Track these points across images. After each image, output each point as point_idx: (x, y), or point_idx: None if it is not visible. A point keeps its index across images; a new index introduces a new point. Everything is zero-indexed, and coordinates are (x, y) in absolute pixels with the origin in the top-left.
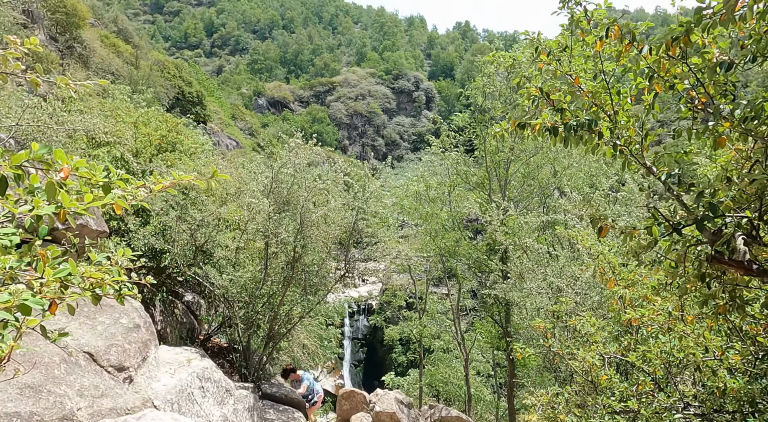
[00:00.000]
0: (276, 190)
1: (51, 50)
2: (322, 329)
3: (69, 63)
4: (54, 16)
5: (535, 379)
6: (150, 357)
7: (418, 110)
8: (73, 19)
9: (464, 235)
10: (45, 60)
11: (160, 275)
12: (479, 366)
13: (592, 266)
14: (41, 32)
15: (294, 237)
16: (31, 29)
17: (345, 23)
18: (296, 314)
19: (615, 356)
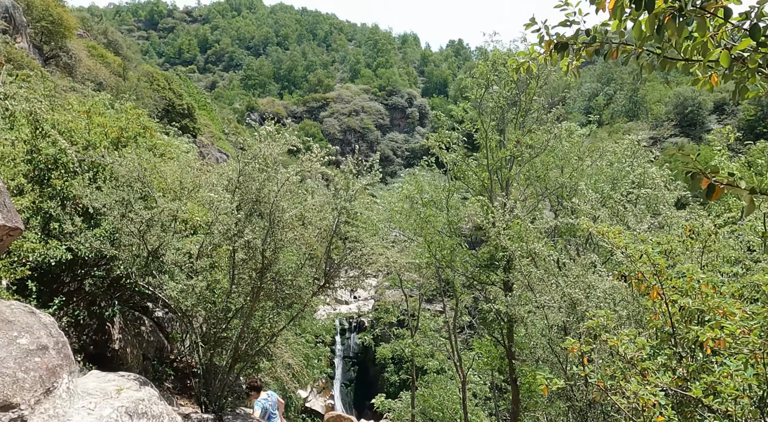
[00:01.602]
0: (244, 186)
1: (33, 58)
2: (310, 347)
3: (53, 71)
4: (39, 24)
5: (545, 407)
6: (60, 387)
7: (412, 126)
8: (59, 29)
9: (463, 243)
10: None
11: (113, 288)
12: (475, 387)
13: (627, 270)
14: (24, 40)
15: (262, 240)
16: (13, 37)
17: (339, 40)
18: (266, 331)
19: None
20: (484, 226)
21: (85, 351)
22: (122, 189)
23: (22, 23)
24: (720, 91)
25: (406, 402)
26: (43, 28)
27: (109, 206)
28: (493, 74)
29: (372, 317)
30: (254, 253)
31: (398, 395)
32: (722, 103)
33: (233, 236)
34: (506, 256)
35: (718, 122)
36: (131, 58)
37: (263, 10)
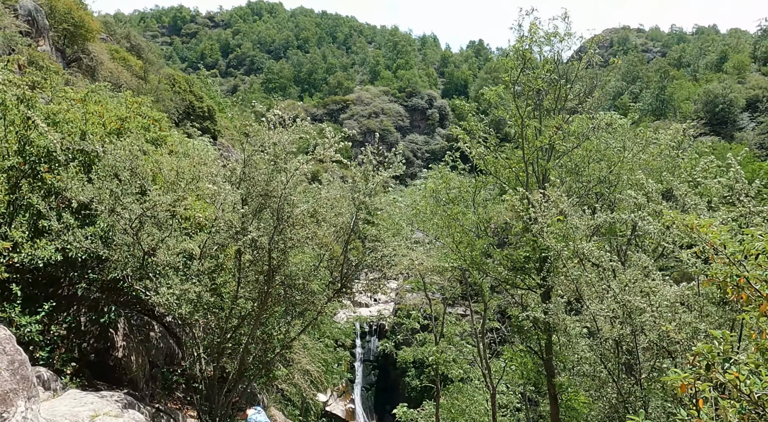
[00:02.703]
0: (250, 178)
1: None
2: (329, 351)
3: (74, 73)
4: (61, 27)
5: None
6: (12, 418)
7: (432, 128)
8: (80, 31)
9: (494, 243)
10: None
11: (114, 292)
12: (503, 398)
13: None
14: (46, 43)
15: (269, 239)
16: (36, 40)
17: (359, 43)
18: (276, 341)
19: None
20: (525, 222)
21: (85, 360)
22: (110, 180)
23: (45, 26)
24: (753, 88)
25: (429, 412)
26: (65, 30)
27: (98, 200)
28: (530, 53)
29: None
30: (261, 253)
31: (420, 401)
32: (755, 100)
33: (236, 233)
34: (545, 257)
35: (751, 120)
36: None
37: (284, 14)
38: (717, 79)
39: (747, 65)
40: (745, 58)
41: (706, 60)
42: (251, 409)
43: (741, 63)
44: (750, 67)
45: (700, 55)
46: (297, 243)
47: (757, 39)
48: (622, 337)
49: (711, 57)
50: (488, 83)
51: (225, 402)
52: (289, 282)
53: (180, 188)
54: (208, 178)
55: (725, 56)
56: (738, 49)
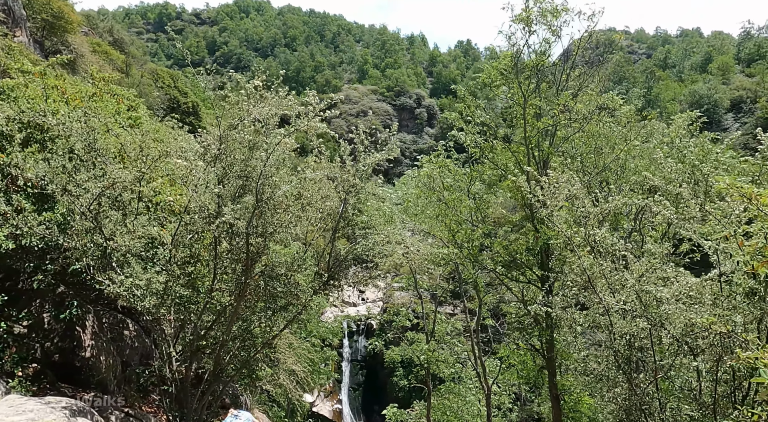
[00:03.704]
0: (226, 156)
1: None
2: (316, 351)
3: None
4: (39, 18)
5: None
6: None
7: (420, 127)
8: (60, 23)
9: (493, 232)
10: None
11: (77, 286)
12: (494, 398)
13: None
14: (23, 34)
15: (247, 223)
16: (12, 30)
17: (347, 41)
18: (256, 338)
19: None
20: (530, 208)
21: (48, 361)
22: (63, 156)
23: (22, 16)
24: (737, 90)
25: (419, 413)
26: (44, 21)
27: (49, 178)
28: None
29: (381, 319)
30: (239, 241)
31: (408, 402)
32: (739, 101)
33: (209, 216)
34: (547, 248)
35: (735, 120)
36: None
37: (271, 12)
38: (702, 80)
39: (731, 67)
40: (729, 60)
41: (690, 61)
42: (233, 412)
43: (725, 64)
44: (734, 68)
45: (685, 56)
46: (279, 229)
47: (741, 41)
48: (638, 333)
49: (696, 58)
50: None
51: (199, 406)
52: (270, 273)
53: (144, 164)
54: (178, 153)
55: (709, 58)
56: (722, 50)
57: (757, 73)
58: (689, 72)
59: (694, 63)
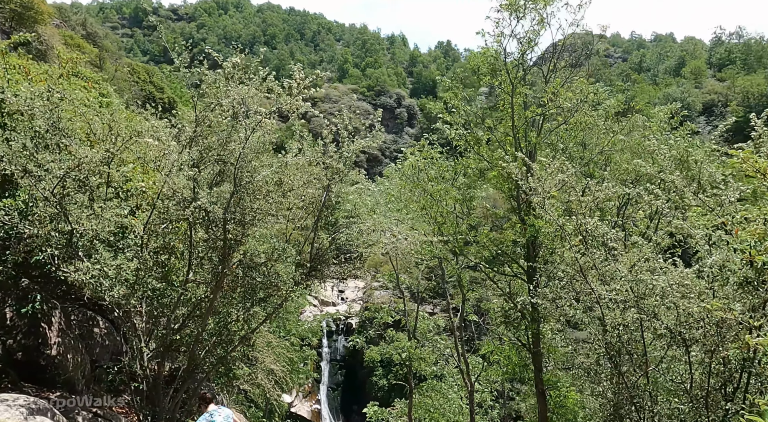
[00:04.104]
0: (203, 140)
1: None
2: (295, 350)
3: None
4: (7, 8)
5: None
6: None
7: (400, 127)
8: (29, 13)
9: (481, 224)
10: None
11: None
12: (476, 395)
13: None
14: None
15: (224, 209)
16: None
17: (327, 40)
18: (232, 332)
19: None
20: (520, 196)
21: (11, 359)
22: (22, 134)
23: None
24: (709, 93)
25: (400, 411)
26: (12, 12)
27: (8, 159)
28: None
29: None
30: (216, 229)
31: (388, 400)
32: (711, 104)
33: (182, 201)
34: (534, 240)
35: (707, 124)
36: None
37: (250, 9)
38: (675, 83)
39: (703, 71)
40: (701, 64)
41: (665, 65)
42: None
43: (698, 69)
44: (706, 72)
45: (659, 60)
46: (258, 216)
47: (712, 46)
48: (631, 324)
49: (670, 62)
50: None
51: (172, 405)
52: (248, 263)
53: (113, 145)
54: (150, 133)
55: (683, 62)
56: (695, 55)
57: (728, 77)
58: (663, 76)
59: (668, 67)
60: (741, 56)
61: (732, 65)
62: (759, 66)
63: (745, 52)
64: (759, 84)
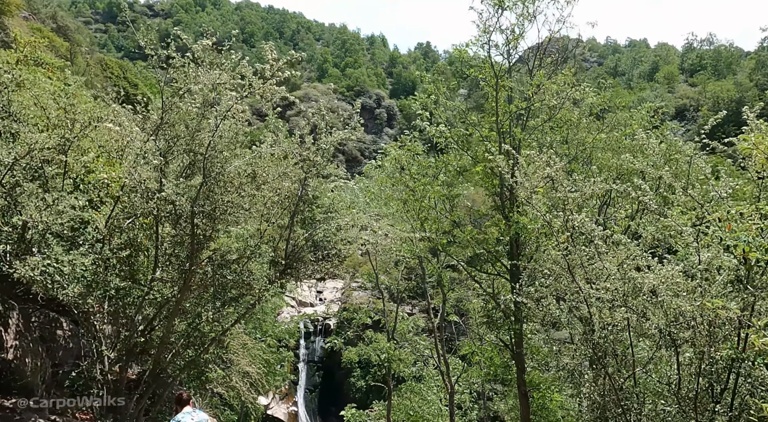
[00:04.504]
0: (171, 128)
1: None
2: (272, 352)
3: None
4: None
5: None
6: None
7: (380, 128)
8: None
9: (465, 219)
10: None
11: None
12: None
13: None
14: None
15: (192, 200)
16: None
17: (306, 39)
18: (199, 334)
19: None
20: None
21: None
22: None
23: None
24: (681, 98)
25: (379, 413)
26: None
27: None
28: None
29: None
30: (184, 223)
31: (366, 402)
32: (683, 109)
33: (146, 191)
34: (517, 238)
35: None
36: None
37: (228, 7)
38: (649, 88)
39: (676, 76)
40: (674, 70)
41: (639, 70)
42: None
43: (670, 74)
44: (678, 78)
45: (634, 65)
46: (230, 210)
47: (684, 52)
48: (620, 322)
49: (644, 67)
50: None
51: (135, 412)
52: (219, 260)
53: (70, 131)
54: (111, 118)
55: (656, 67)
56: (667, 60)
57: (700, 82)
58: (638, 80)
59: (642, 72)
60: (712, 62)
61: (703, 71)
62: (728, 72)
63: (716, 59)
64: (729, 90)
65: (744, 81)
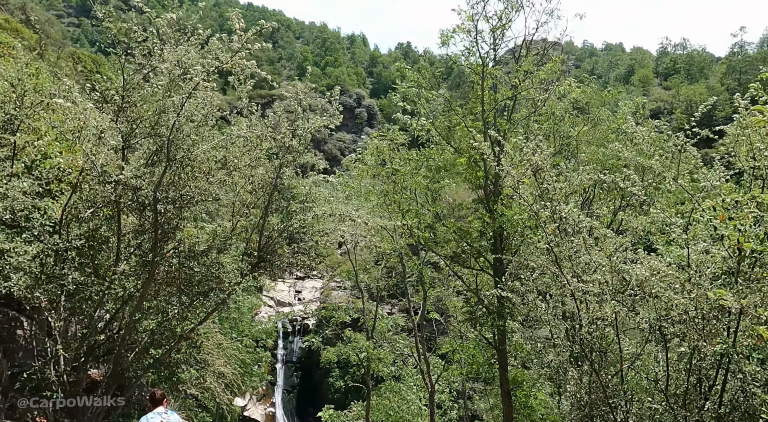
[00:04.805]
0: (132, 109)
1: None
2: (248, 352)
3: None
4: None
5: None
6: None
7: (360, 127)
8: None
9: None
10: None
11: None
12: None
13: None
14: None
15: (155, 186)
16: None
17: (286, 37)
18: (173, 332)
19: None
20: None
21: None
22: None
23: None
24: (655, 101)
25: (357, 414)
26: None
27: None
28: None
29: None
30: (148, 212)
31: (345, 403)
32: (658, 111)
33: (103, 174)
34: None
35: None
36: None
37: (206, 3)
38: (625, 90)
39: (651, 79)
40: (648, 73)
41: (615, 73)
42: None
43: (645, 77)
44: (653, 81)
45: (610, 68)
46: (198, 197)
47: (659, 56)
48: (609, 316)
49: (620, 70)
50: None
51: (92, 416)
52: (186, 251)
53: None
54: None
55: (632, 70)
56: (642, 64)
57: (673, 86)
58: (614, 83)
59: (618, 75)
60: (685, 67)
61: (677, 75)
62: (701, 76)
63: (689, 63)
64: (701, 93)
65: (716, 85)
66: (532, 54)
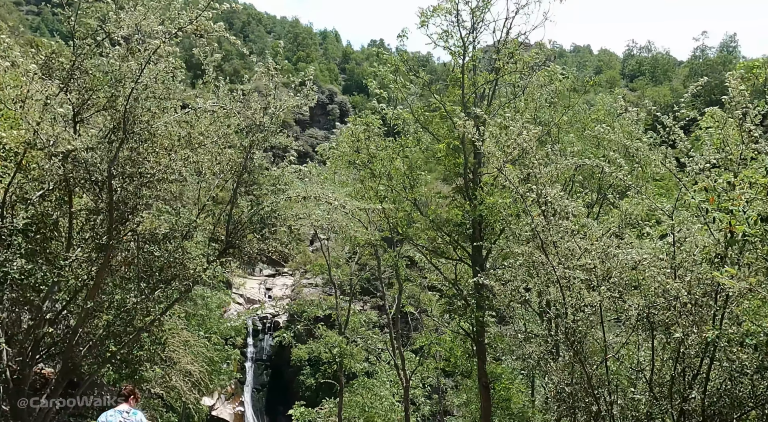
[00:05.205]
0: (84, 77)
1: None
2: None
3: None
4: None
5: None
6: None
7: (332, 123)
8: None
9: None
10: None
11: None
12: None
13: None
14: None
15: (110, 160)
16: None
17: (257, 32)
18: (132, 325)
19: None
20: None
21: None
22: None
23: None
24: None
25: (329, 411)
26: None
27: None
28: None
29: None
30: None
31: (316, 400)
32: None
33: (50, 146)
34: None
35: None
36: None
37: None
38: (593, 91)
39: (618, 81)
40: (616, 75)
41: (583, 74)
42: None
43: (613, 78)
44: (620, 82)
45: (579, 70)
46: (159, 175)
47: (625, 58)
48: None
49: (588, 71)
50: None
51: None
52: (146, 235)
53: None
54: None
55: (600, 72)
56: (610, 65)
57: (639, 87)
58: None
59: (586, 76)
60: (650, 69)
61: (642, 77)
62: (665, 78)
63: (653, 66)
64: (665, 95)
65: (679, 87)
66: (514, 39)
